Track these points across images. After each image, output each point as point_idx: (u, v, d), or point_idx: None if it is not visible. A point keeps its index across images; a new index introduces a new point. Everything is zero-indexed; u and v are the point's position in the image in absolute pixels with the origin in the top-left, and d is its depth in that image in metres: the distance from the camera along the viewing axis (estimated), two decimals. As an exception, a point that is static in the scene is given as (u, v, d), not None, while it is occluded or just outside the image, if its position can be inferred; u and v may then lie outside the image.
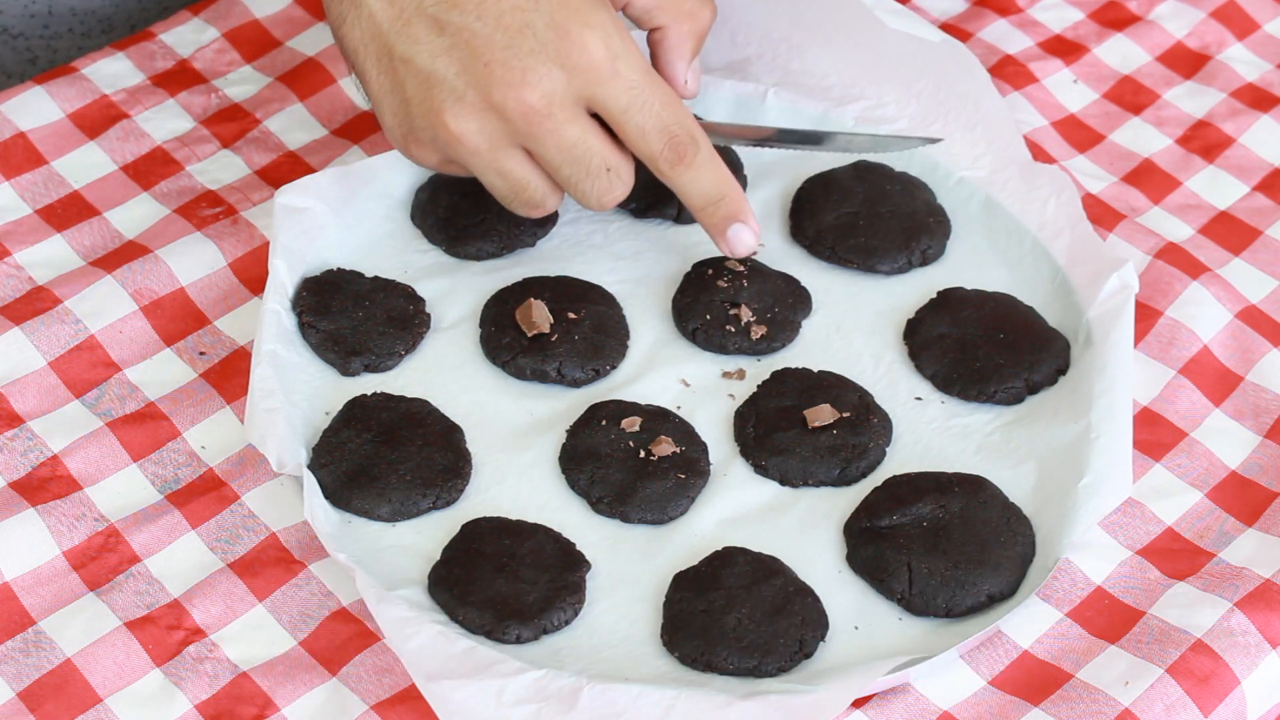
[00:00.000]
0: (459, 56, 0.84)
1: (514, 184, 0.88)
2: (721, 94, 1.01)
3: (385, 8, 0.85)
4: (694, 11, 0.92)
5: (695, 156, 0.87)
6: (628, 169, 0.88)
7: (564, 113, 0.85)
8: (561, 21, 0.84)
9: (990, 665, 0.81)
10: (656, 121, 0.86)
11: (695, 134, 0.87)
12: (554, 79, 0.84)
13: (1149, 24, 1.11)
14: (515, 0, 0.84)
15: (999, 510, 0.85)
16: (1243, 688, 0.81)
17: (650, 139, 0.86)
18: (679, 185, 0.88)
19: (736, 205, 0.90)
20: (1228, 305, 0.94)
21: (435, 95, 0.85)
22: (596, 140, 0.86)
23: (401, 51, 0.85)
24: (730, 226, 0.90)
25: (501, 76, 0.84)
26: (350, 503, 0.84)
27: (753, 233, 0.90)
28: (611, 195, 0.88)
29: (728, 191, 0.89)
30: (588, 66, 0.85)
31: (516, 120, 0.85)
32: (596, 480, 0.86)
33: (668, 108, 0.86)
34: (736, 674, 0.80)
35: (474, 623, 0.80)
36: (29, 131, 1.00)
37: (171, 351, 0.91)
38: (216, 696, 0.79)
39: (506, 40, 0.84)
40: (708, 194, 0.89)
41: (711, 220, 0.90)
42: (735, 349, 0.92)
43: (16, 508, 0.84)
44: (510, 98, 0.84)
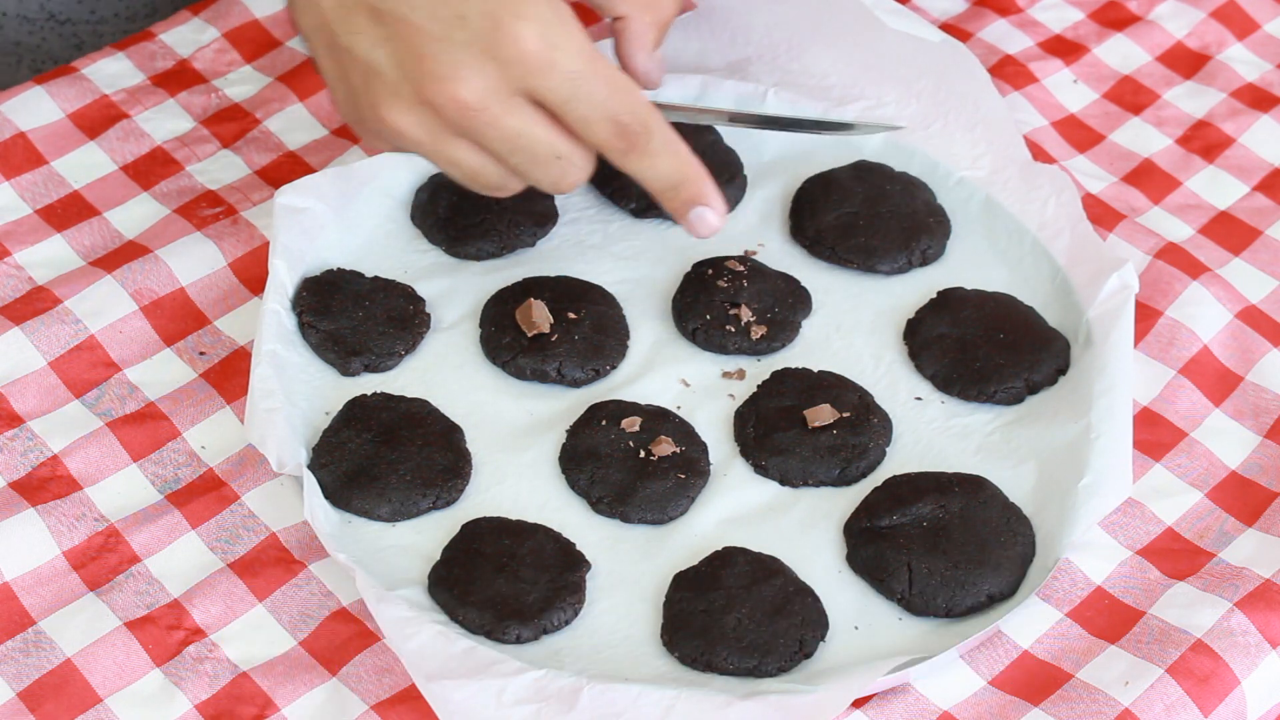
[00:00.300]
0: (395, 48, 0.83)
1: (468, 172, 0.86)
2: (721, 94, 1.01)
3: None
4: (656, 1, 0.91)
5: (648, 143, 0.85)
6: (581, 154, 0.85)
7: (500, 106, 0.82)
8: (495, 11, 0.82)
9: (990, 665, 0.81)
10: (601, 110, 0.83)
11: (647, 119, 0.84)
12: (486, 73, 0.82)
13: (1149, 24, 1.11)
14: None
15: (999, 510, 0.85)
16: (1243, 688, 0.81)
17: (596, 129, 0.84)
18: (634, 173, 0.86)
19: (697, 188, 0.87)
20: (1228, 305, 0.95)
21: (374, 87, 0.83)
22: (540, 129, 0.84)
23: (344, 41, 0.84)
24: (691, 210, 0.87)
25: (433, 70, 0.82)
26: (350, 503, 0.84)
27: (717, 213, 0.87)
28: (567, 180, 0.85)
29: (687, 173, 0.86)
30: (521, 58, 0.82)
31: (451, 114, 0.83)
32: (596, 480, 0.86)
33: (614, 95, 0.83)
34: (736, 674, 0.80)
35: (474, 623, 0.80)
36: (29, 131, 1.00)
37: (171, 351, 0.91)
38: (216, 696, 0.79)
39: (440, 31, 0.82)
40: (666, 179, 0.86)
41: (672, 205, 0.87)
42: (735, 349, 0.92)
43: (16, 508, 0.84)
44: (442, 93, 0.82)
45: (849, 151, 1.00)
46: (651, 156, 0.85)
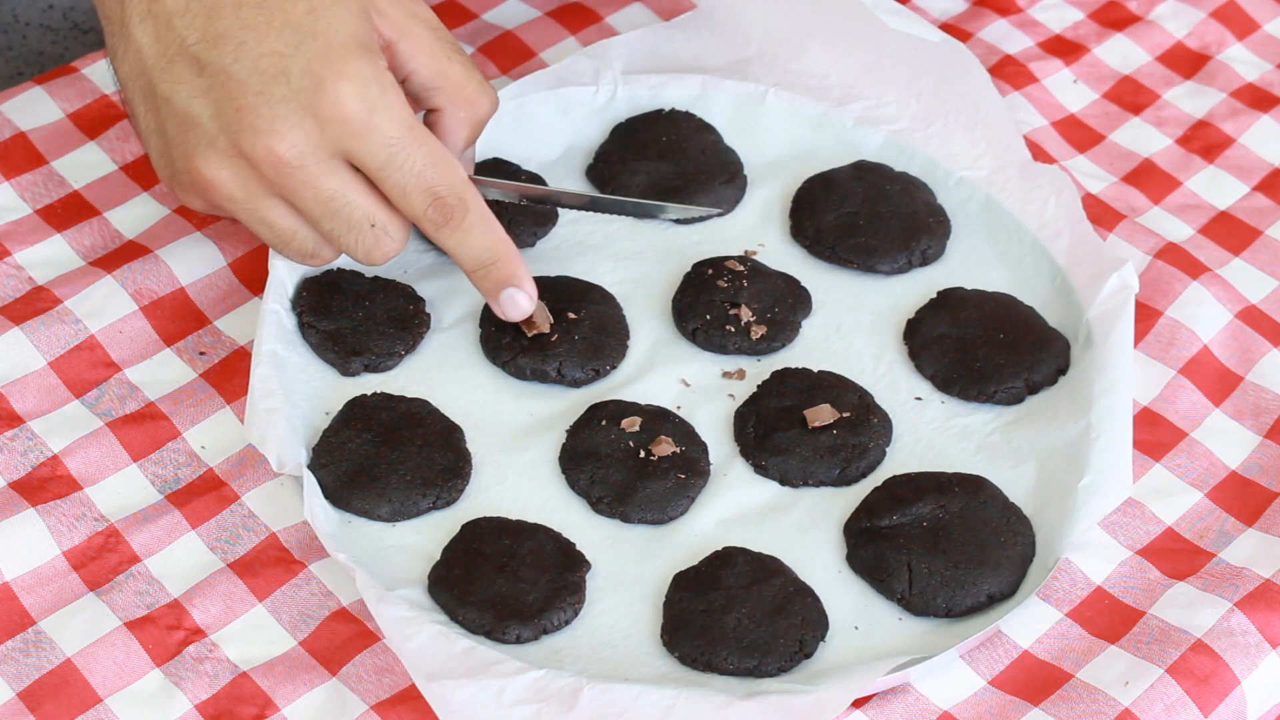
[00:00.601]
0: (214, 99, 0.82)
1: (280, 234, 0.85)
2: (722, 94, 1.01)
3: (152, 44, 0.83)
4: (473, 98, 0.88)
5: (464, 218, 0.84)
6: (397, 224, 0.84)
7: (318, 165, 0.82)
8: (318, 70, 0.81)
9: (990, 665, 0.81)
10: (418, 181, 0.83)
11: (464, 194, 0.84)
12: (305, 129, 0.81)
13: (1149, 24, 1.11)
14: (275, 44, 0.81)
15: (999, 510, 0.85)
16: (1243, 688, 0.81)
17: (412, 199, 0.83)
18: (447, 247, 0.85)
19: (509, 269, 0.86)
20: (1228, 305, 0.95)
21: (190, 138, 0.82)
22: (357, 195, 0.83)
23: (163, 90, 0.83)
24: (503, 291, 0.87)
25: (251, 123, 0.81)
26: (350, 503, 0.84)
27: (527, 296, 0.87)
28: (380, 250, 0.85)
29: (500, 254, 0.86)
30: (341, 119, 0.81)
31: (267, 170, 0.82)
32: (596, 480, 0.86)
33: (432, 166, 0.83)
34: (736, 674, 0.80)
35: (474, 623, 0.80)
36: (29, 131, 1.00)
37: (171, 351, 0.91)
38: (216, 696, 0.79)
39: (260, 85, 0.81)
40: (478, 257, 0.86)
41: (483, 284, 0.87)
42: (735, 349, 0.92)
43: (16, 508, 0.84)
44: (259, 146, 0.81)
45: (849, 151, 1.00)
46: (465, 232, 0.85)
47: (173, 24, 0.82)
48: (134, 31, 0.83)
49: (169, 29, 0.82)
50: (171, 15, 0.82)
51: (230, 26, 0.82)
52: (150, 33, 0.83)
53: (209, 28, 0.82)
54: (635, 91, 1.01)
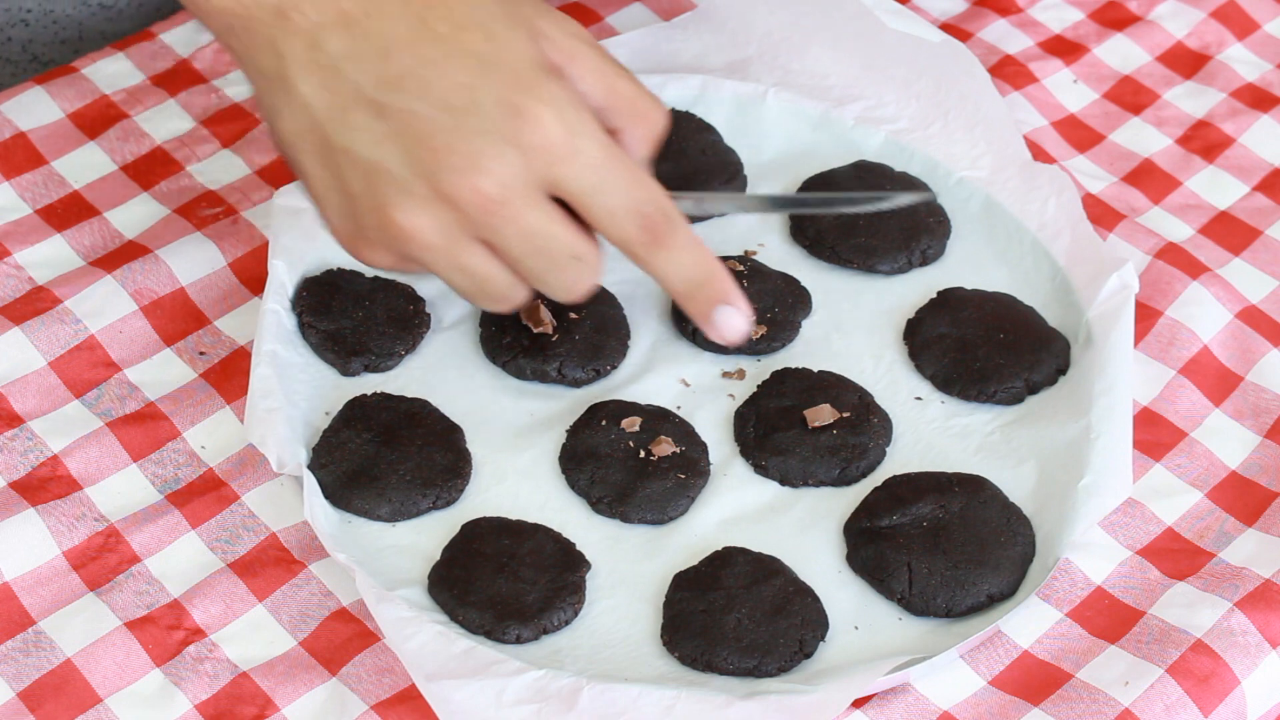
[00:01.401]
0: (403, 143, 0.77)
1: (476, 280, 0.80)
2: (721, 94, 1.01)
3: (320, 94, 0.77)
4: (647, 113, 0.83)
5: (672, 236, 0.79)
6: (595, 256, 0.80)
7: (522, 199, 0.77)
8: (513, 98, 0.76)
9: (990, 665, 0.81)
10: (626, 201, 0.78)
11: (670, 212, 0.79)
12: (508, 161, 0.76)
13: (1149, 24, 1.11)
14: (461, 78, 0.77)
15: (999, 510, 0.85)
16: (1243, 688, 0.81)
17: (622, 222, 0.79)
18: (657, 269, 0.81)
19: (721, 285, 0.82)
20: (1228, 305, 0.95)
21: (380, 188, 0.77)
22: (559, 227, 0.78)
23: (341, 142, 0.77)
24: (716, 310, 0.82)
25: (451, 162, 0.76)
26: (350, 503, 0.84)
27: (743, 314, 0.83)
28: (581, 285, 0.80)
29: (711, 270, 0.81)
30: (545, 146, 0.76)
31: (472, 210, 0.77)
32: (596, 480, 0.86)
33: (639, 185, 0.79)
34: (736, 674, 0.80)
35: (474, 623, 0.80)
36: (29, 131, 1.00)
37: (171, 351, 0.91)
38: (216, 696, 0.79)
39: (454, 122, 0.76)
40: (689, 277, 0.81)
41: (694, 305, 0.82)
42: (735, 349, 0.92)
43: (16, 508, 0.84)
44: (462, 185, 0.76)
45: (849, 151, 1.00)
46: (676, 250, 0.80)
47: (342, 70, 0.77)
48: (298, 84, 0.78)
49: (338, 76, 0.77)
50: (339, 61, 0.77)
51: (409, 65, 0.77)
52: (317, 83, 0.77)
53: (385, 70, 0.77)
54: (635, 91, 1.01)
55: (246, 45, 0.79)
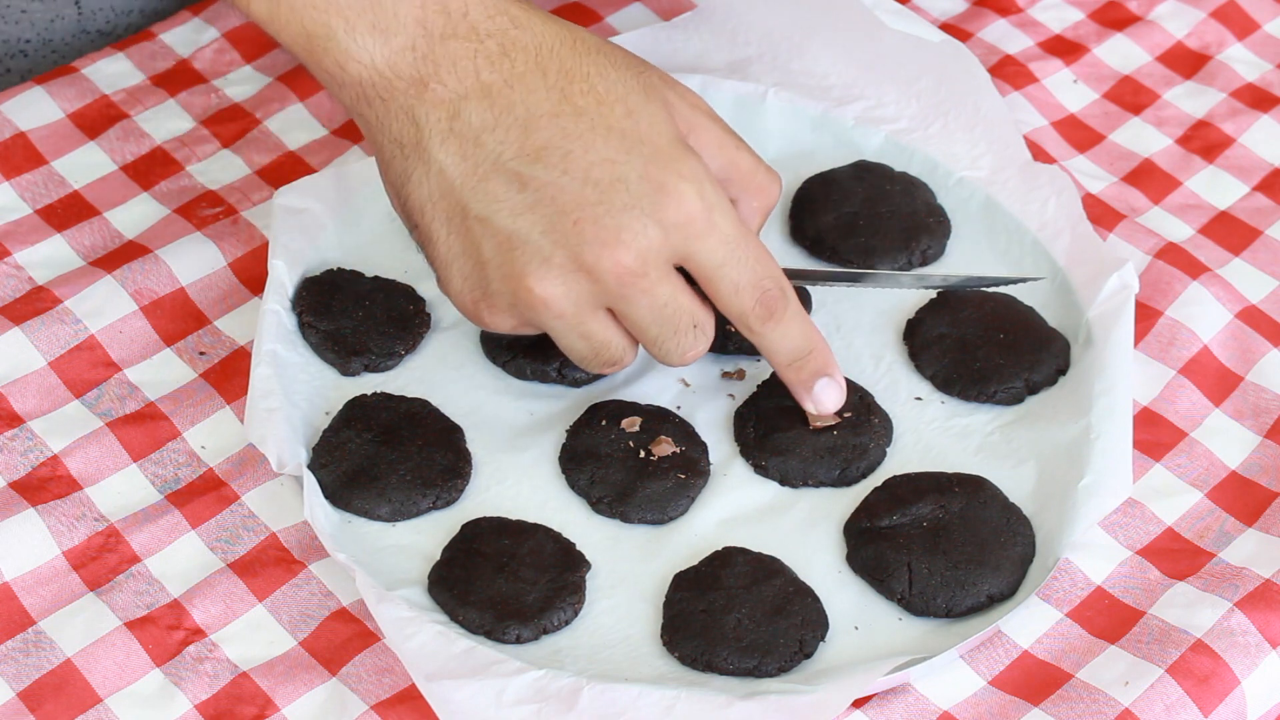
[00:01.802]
0: (544, 214, 0.79)
1: (596, 345, 0.82)
2: (721, 94, 1.01)
3: (459, 163, 0.79)
4: (764, 186, 0.86)
5: (785, 311, 0.83)
6: (711, 324, 0.83)
7: (657, 271, 0.80)
8: (656, 174, 0.79)
9: (990, 665, 0.81)
10: (751, 276, 0.81)
11: (785, 287, 0.83)
12: (650, 236, 0.79)
13: (1149, 24, 1.11)
14: (605, 152, 0.79)
15: (999, 510, 0.85)
16: (1243, 688, 0.81)
17: (744, 295, 0.81)
18: (767, 341, 0.83)
19: (822, 358, 0.85)
20: (1228, 305, 0.94)
21: (518, 257, 0.79)
22: (686, 298, 0.81)
23: (478, 210, 0.79)
24: (817, 382, 0.85)
25: (594, 235, 0.78)
26: (350, 503, 0.84)
27: (839, 388, 0.85)
28: (695, 351, 0.83)
29: (814, 343, 0.84)
30: (685, 221, 0.79)
31: (609, 281, 0.79)
32: (596, 480, 0.86)
33: (761, 261, 0.82)
34: (736, 674, 0.80)
35: (474, 623, 0.80)
36: (29, 131, 1.00)
37: (171, 351, 0.91)
38: (216, 696, 0.79)
39: (597, 195, 0.78)
40: (796, 350, 0.84)
41: (798, 376, 0.85)
42: (735, 349, 0.92)
43: (16, 508, 0.84)
44: (605, 258, 0.79)
45: (849, 151, 1.00)
46: (786, 324, 0.83)
47: (482, 141, 0.79)
48: (435, 152, 0.79)
49: (478, 146, 0.79)
50: (479, 132, 0.79)
51: (551, 137, 0.79)
52: (456, 152, 0.79)
53: (526, 141, 0.79)
54: (635, 91, 1.01)
55: (381, 115, 0.80)
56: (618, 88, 0.80)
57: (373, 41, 0.79)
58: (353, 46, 0.79)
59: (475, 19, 0.80)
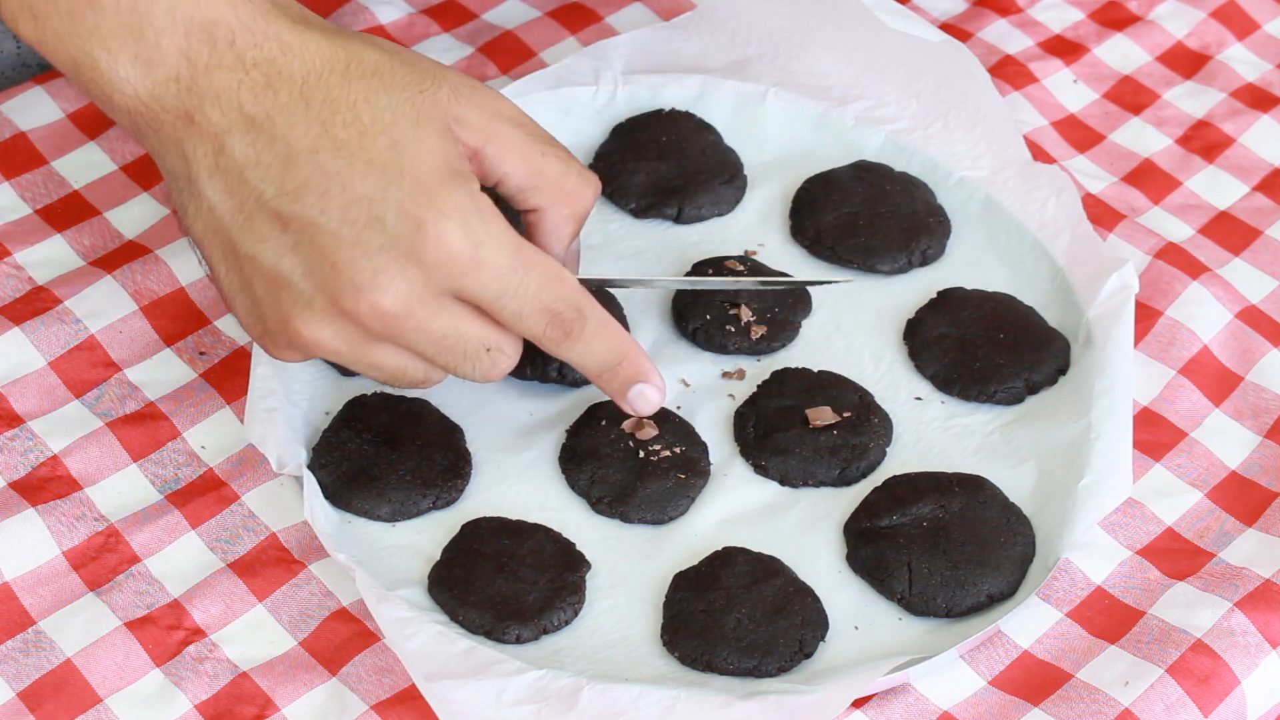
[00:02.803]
0: (304, 256, 0.76)
1: (390, 373, 0.80)
2: (721, 94, 1.01)
3: (225, 200, 0.76)
4: (574, 191, 0.82)
5: (583, 330, 0.80)
6: (511, 341, 0.80)
7: (425, 309, 0.77)
8: (414, 212, 0.75)
9: (990, 665, 0.81)
10: (534, 304, 0.78)
11: (580, 304, 0.79)
12: (409, 277, 0.76)
13: (1149, 24, 1.11)
14: (362, 189, 0.75)
15: (999, 510, 0.85)
16: (1243, 688, 0.81)
17: (530, 322, 0.79)
18: (571, 359, 0.81)
19: (634, 366, 0.82)
20: (1228, 305, 0.95)
21: (284, 299, 0.77)
22: (469, 325, 0.78)
23: (246, 249, 0.76)
24: (631, 389, 0.83)
25: (351, 280, 0.75)
26: (350, 503, 0.84)
27: (657, 389, 0.83)
28: (498, 370, 0.80)
29: (623, 353, 0.82)
30: (447, 260, 0.76)
31: (373, 325, 0.77)
32: (596, 480, 0.86)
33: (546, 286, 0.78)
34: (736, 674, 0.80)
35: (474, 623, 0.80)
36: (29, 131, 1.00)
37: (171, 351, 0.91)
38: (216, 696, 0.79)
39: (354, 236, 0.75)
40: (603, 362, 0.82)
41: (610, 386, 0.83)
42: (735, 349, 0.92)
43: (16, 508, 0.84)
44: (362, 303, 0.76)
45: (849, 151, 1.00)
46: (587, 341, 0.80)
47: (245, 177, 0.76)
48: (204, 188, 0.77)
49: (242, 183, 0.76)
50: (243, 168, 0.76)
51: (310, 175, 0.75)
52: (222, 188, 0.77)
53: (286, 179, 0.76)
54: (635, 91, 1.01)
55: (155, 146, 0.78)
56: (385, 116, 0.76)
57: (136, 73, 0.76)
58: (116, 78, 0.76)
59: (241, 48, 0.76)
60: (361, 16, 1.08)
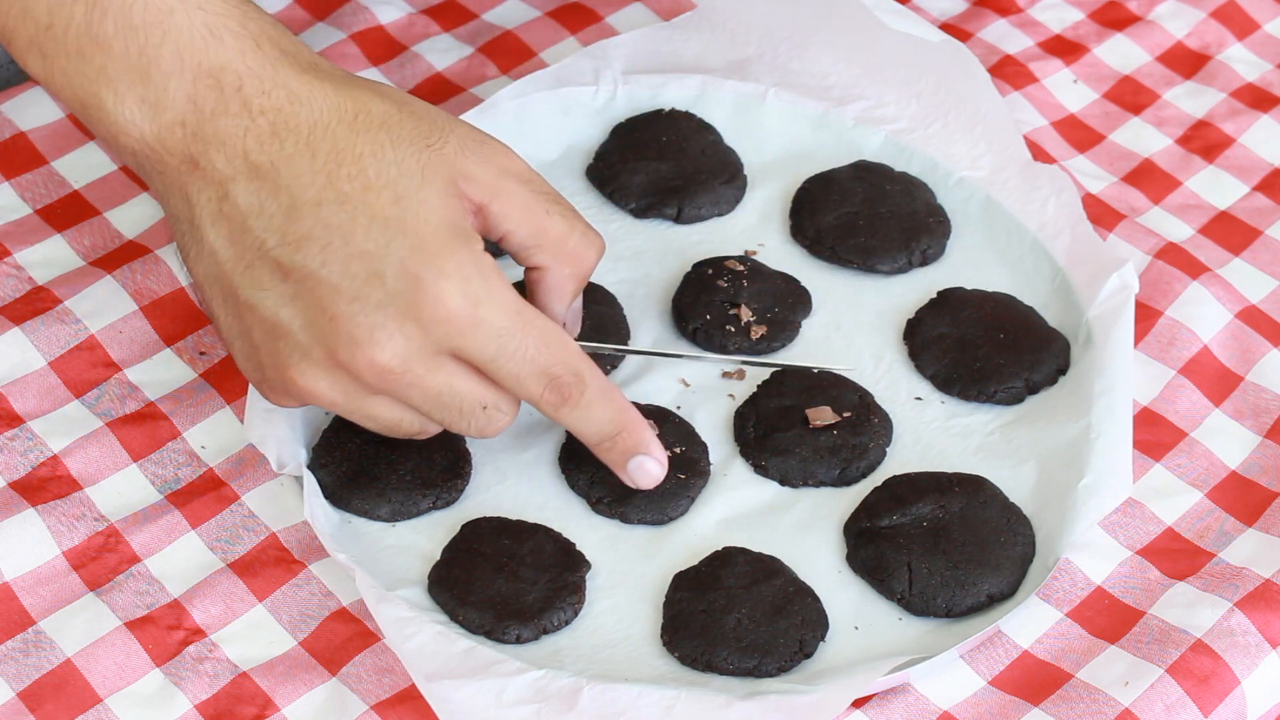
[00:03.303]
0: (304, 307, 0.76)
1: (386, 425, 0.80)
2: (721, 94, 1.01)
3: (227, 246, 0.77)
4: (576, 251, 0.82)
5: (582, 395, 0.79)
6: (508, 401, 0.80)
7: (422, 366, 0.77)
8: (414, 269, 0.75)
9: (990, 665, 0.81)
10: (532, 366, 0.78)
11: (580, 369, 0.79)
12: (407, 334, 0.76)
13: (1149, 24, 1.11)
14: (364, 244, 0.75)
15: (999, 510, 0.85)
16: (1243, 688, 0.81)
17: (527, 384, 0.78)
18: (569, 426, 0.81)
19: (635, 437, 0.82)
20: (1228, 305, 0.94)
21: (281, 348, 0.77)
22: (465, 384, 0.78)
23: (246, 296, 0.77)
24: (630, 460, 0.82)
25: (348, 334, 0.76)
26: (350, 503, 0.84)
27: (657, 462, 0.82)
28: (494, 427, 0.80)
29: (624, 423, 0.81)
30: (445, 319, 0.76)
31: (369, 379, 0.77)
32: (596, 480, 0.85)
33: (545, 349, 0.78)
34: (736, 674, 0.80)
35: (474, 623, 0.80)
36: (29, 131, 1.00)
37: (171, 351, 0.91)
38: (216, 696, 0.79)
39: (355, 290, 0.75)
40: (602, 431, 0.81)
41: (610, 456, 0.82)
42: (735, 349, 0.92)
43: (16, 508, 0.84)
44: (359, 357, 0.76)
45: (849, 151, 1.00)
46: (586, 408, 0.80)
47: (249, 225, 0.76)
48: (206, 233, 0.77)
49: (245, 230, 0.76)
50: (246, 216, 0.76)
51: (312, 228, 0.76)
52: (225, 235, 0.77)
53: (289, 229, 0.76)
54: (635, 91, 1.01)
55: (160, 188, 0.79)
56: (390, 170, 0.76)
57: (142, 115, 0.76)
58: (122, 119, 0.77)
59: (249, 95, 0.76)
60: (361, 16, 1.08)
